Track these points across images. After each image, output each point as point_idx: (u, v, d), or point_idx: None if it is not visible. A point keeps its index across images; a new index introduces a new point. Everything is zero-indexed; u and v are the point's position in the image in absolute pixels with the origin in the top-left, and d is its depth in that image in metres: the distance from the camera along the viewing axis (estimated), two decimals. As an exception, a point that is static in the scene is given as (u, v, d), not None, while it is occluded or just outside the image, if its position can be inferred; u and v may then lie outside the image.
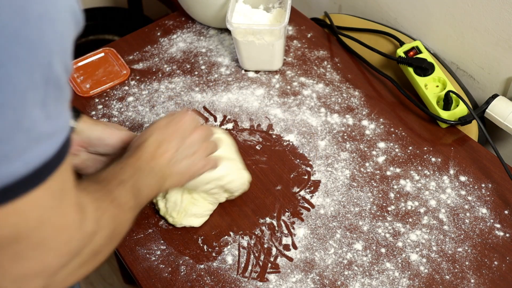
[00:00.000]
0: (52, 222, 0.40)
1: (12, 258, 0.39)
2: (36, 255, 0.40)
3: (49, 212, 0.40)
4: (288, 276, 0.73)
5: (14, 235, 0.38)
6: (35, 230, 0.39)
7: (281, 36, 0.94)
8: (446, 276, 0.72)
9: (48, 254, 0.41)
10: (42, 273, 0.42)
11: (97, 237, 0.48)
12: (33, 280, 0.41)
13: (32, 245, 0.39)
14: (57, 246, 0.42)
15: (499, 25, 0.86)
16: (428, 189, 0.81)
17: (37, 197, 0.37)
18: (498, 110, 0.87)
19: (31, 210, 0.38)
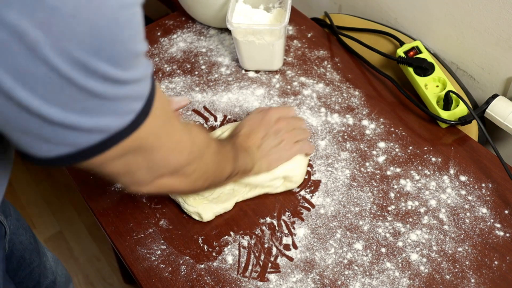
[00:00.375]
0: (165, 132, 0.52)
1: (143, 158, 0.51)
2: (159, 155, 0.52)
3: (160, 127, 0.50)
4: (289, 276, 0.73)
5: (141, 148, 0.49)
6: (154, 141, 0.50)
7: (281, 36, 0.94)
8: (446, 276, 0.72)
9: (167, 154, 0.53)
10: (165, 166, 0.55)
11: (206, 153, 0.61)
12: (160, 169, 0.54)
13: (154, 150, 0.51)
14: (172, 146, 0.54)
15: (499, 25, 0.86)
16: (428, 189, 0.81)
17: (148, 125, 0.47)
18: (498, 110, 0.87)
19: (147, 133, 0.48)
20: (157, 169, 0.54)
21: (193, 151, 0.58)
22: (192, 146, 0.58)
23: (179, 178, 0.58)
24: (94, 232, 1.66)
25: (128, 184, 0.55)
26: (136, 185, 0.56)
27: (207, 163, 0.62)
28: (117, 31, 0.39)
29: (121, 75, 0.41)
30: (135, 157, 0.50)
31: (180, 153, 0.56)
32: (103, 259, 1.60)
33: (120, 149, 0.46)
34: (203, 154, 0.61)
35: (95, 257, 1.61)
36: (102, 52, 0.39)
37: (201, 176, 0.62)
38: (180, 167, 0.57)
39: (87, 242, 1.65)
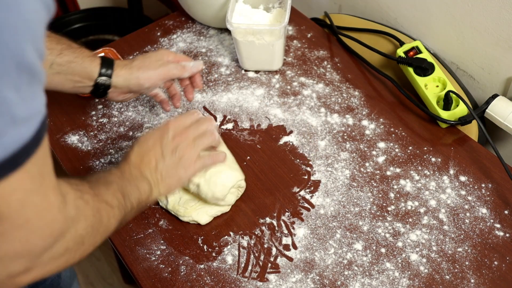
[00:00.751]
0: (34, 204, 0.42)
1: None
2: (19, 236, 0.41)
3: (30, 194, 0.41)
4: (288, 276, 0.73)
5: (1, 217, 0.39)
6: (17, 211, 0.40)
7: (281, 36, 0.94)
8: (446, 276, 0.72)
9: (31, 235, 0.42)
10: (25, 254, 0.43)
11: (80, 225, 0.50)
12: (17, 261, 0.42)
13: (15, 226, 0.40)
14: (39, 227, 0.43)
15: (499, 25, 0.86)
16: (428, 189, 0.81)
17: (16, 181, 0.38)
18: (498, 110, 0.87)
19: (12, 193, 0.39)
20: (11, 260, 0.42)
21: (63, 231, 0.46)
22: (64, 224, 0.46)
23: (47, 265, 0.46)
24: (94, 232, 1.66)
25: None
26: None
27: (80, 236, 0.50)
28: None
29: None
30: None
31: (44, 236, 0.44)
32: (103, 259, 1.60)
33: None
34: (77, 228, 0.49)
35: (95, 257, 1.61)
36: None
37: (76, 250, 0.50)
38: (43, 252, 0.44)
39: (87, 242, 1.64)
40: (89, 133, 0.91)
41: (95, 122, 0.93)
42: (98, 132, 0.92)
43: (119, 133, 0.91)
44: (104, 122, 0.93)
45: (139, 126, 0.92)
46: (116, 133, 0.91)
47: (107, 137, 0.91)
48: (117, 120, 0.93)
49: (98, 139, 0.90)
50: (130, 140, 0.90)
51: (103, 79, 0.78)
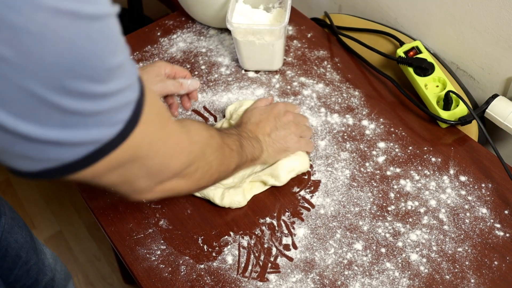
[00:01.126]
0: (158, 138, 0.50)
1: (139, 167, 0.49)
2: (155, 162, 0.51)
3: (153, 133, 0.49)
4: (288, 276, 0.73)
5: (135, 156, 0.47)
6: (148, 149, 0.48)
7: (281, 36, 0.94)
8: (446, 276, 0.72)
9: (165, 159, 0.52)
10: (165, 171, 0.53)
11: (208, 150, 0.60)
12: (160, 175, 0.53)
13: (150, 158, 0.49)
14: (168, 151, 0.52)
15: (499, 25, 0.86)
16: (428, 189, 0.81)
17: (142, 130, 0.46)
18: (498, 110, 0.87)
19: (142, 140, 0.46)
20: (156, 175, 0.53)
21: (192, 151, 0.56)
22: (191, 146, 0.56)
23: (182, 180, 0.57)
24: (94, 232, 1.66)
25: (129, 193, 0.53)
26: (137, 194, 0.54)
27: (209, 161, 0.61)
28: (91, 46, 0.37)
29: (101, 89, 0.40)
30: (131, 167, 0.48)
31: (179, 156, 0.54)
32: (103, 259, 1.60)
33: (111, 161, 0.44)
34: (205, 152, 0.59)
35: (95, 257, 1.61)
36: (76, 70, 0.37)
37: (204, 174, 0.60)
38: (181, 169, 0.55)
39: (87, 242, 1.65)
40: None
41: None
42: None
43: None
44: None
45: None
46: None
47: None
48: (117, 120, 0.93)
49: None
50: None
51: None
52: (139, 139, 0.46)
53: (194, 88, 0.87)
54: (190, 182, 0.58)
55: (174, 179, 0.55)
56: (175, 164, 0.54)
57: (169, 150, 0.52)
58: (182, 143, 0.55)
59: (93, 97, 0.39)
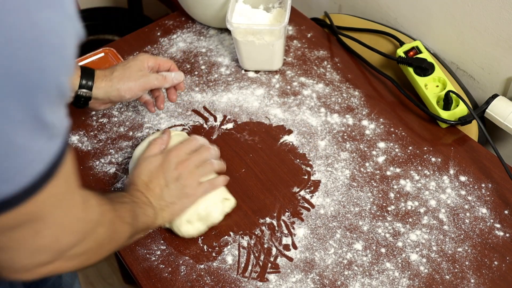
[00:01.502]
0: (64, 204, 0.47)
1: (32, 234, 0.45)
2: (50, 233, 0.47)
3: (62, 196, 0.46)
4: (288, 276, 0.73)
5: (32, 220, 0.44)
6: (50, 213, 0.45)
7: (281, 36, 0.94)
8: (446, 276, 0.72)
9: (60, 232, 0.48)
10: (53, 248, 0.48)
11: (100, 229, 0.55)
12: (45, 253, 0.48)
13: (48, 225, 0.46)
14: (67, 224, 0.48)
15: (499, 25, 0.86)
16: (428, 189, 0.81)
17: (53, 187, 0.43)
18: (498, 110, 0.87)
19: (48, 199, 0.43)
20: (42, 252, 0.48)
21: (85, 231, 0.52)
22: (86, 225, 0.52)
23: (67, 261, 0.52)
24: (94, 232, 1.66)
25: (4, 266, 0.48)
26: (13, 270, 0.48)
27: (100, 240, 0.56)
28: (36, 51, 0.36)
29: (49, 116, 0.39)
30: (24, 232, 0.44)
31: (71, 234, 0.49)
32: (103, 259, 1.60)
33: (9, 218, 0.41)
34: (96, 231, 0.54)
35: (95, 257, 1.61)
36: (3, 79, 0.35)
37: (93, 254, 0.56)
38: (69, 248, 0.50)
39: (87, 242, 1.65)
40: (89, 133, 0.91)
41: (95, 122, 0.93)
42: (98, 132, 0.92)
43: (119, 133, 0.91)
44: (104, 122, 0.93)
45: (139, 126, 0.92)
46: (116, 133, 0.91)
47: (107, 137, 0.91)
48: (117, 120, 0.93)
49: (98, 139, 0.90)
50: (130, 140, 0.90)
51: (84, 91, 0.79)
52: (44, 200, 0.43)
53: (178, 81, 0.85)
54: (73, 264, 0.54)
55: (55, 262, 0.50)
56: (64, 242, 0.49)
57: (66, 224, 0.48)
58: (79, 221, 0.51)
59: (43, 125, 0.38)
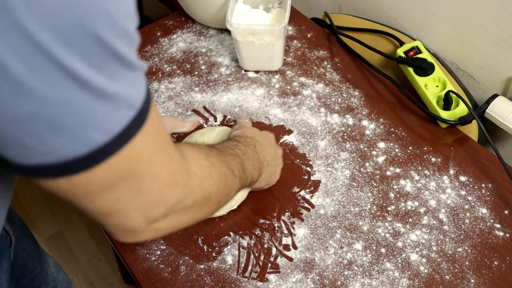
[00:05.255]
0: (159, 160, 0.46)
1: (135, 192, 0.45)
2: (153, 188, 0.46)
3: (155, 152, 0.45)
4: (288, 276, 0.73)
5: (131, 174, 0.44)
6: (146, 168, 0.45)
7: (281, 36, 0.94)
8: (446, 276, 0.72)
9: (162, 186, 0.47)
10: (161, 203, 0.48)
11: (206, 181, 0.55)
12: (155, 208, 0.48)
13: (147, 181, 0.46)
14: (167, 178, 0.48)
15: (499, 25, 0.86)
16: (428, 189, 0.81)
17: (140, 142, 0.43)
18: (498, 110, 0.87)
19: (140, 153, 0.43)
20: (151, 209, 0.48)
21: (189, 184, 0.51)
22: (188, 178, 0.51)
23: (177, 216, 0.52)
24: (94, 232, 1.67)
25: (119, 230, 0.48)
26: (128, 232, 0.49)
27: (208, 193, 0.55)
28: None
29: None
30: (126, 188, 0.44)
31: (174, 188, 0.49)
32: (103, 259, 1.61)
33: (107, 170, 0.41)
34: (203, 184, 0.54)
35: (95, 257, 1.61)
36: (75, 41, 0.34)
37: (201, 207, 0.55)
38: (176, 203, 0.50)
39: (87, 242, 1.65)
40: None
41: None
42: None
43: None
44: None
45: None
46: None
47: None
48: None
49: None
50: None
51: None
52: (138, 150, 0.43)
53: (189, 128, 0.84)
54: (185, 217, 0.53)
55: (168, 216, 0.50)
56: (170, 197, 0.49)
57: (167, 178, 0.48)
58: (179, 173, 0.50)
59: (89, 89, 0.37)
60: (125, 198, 0.45)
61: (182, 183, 0.50)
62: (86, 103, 0.37)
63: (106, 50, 0.37)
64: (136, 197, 0.46)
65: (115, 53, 0.38)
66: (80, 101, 0.37)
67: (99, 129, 0.39)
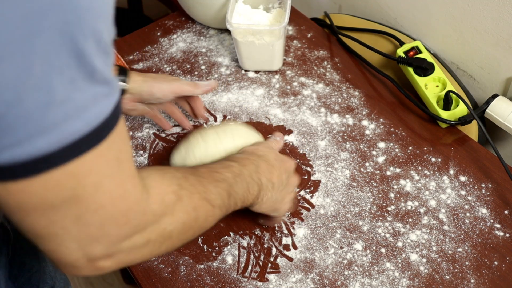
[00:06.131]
0: (109, 190, 0.41)
1: (74, 220, 0.40)
2: (94, 220, 0.41)
3: (105, 179, 0.41)
4: (288, 276, 0.73)
5: (73, 197, 0.39)
6: (92, 195, 0.40)
7: (281, 36, 0.94)
8: (446, 276, 0.72)
9: (106, 222, 0.42)
10: (102, 239, 0.43)
11: (167, 219, 0.49)
12: (95, 245, 0.43)
13: (90, 210, 0.41)
14: (114, 214, 0.43)
15: (499, 25, 0.86)
16: (428, 189, 0.81)
17: (91, 162, 0.39)
18: (498, 110, 0.87)
19: (87, 175, 0.39)
20: (90, 243, 0.42)
21: (142, 223, 0.46)
22: (144, 217, 0.46)
23: (128, 254, 0.46)
24: (94, 232, 1.66)
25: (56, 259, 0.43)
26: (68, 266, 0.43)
27: (167, 232, 0.50)
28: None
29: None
30: (64, 214, 0.40)
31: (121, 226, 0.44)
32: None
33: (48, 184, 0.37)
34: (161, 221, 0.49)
35: (95, 257, 1.61)
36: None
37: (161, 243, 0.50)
38: (123, 240, 0.44)
39: (87, 242, 1.65)
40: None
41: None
42: (98, 132, 0.91)
43: (119, 133, 0.91)
44: (104, 122, 0.93)
45: (139, 126, 0.92)
46: (116, 133, 0.91)
47: (107, 137, 0.91)
48: (117, 120, 0.93)
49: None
50: (130, 140, 0.90)
51: (120, 84, 0.79)
52: (86, 170, 0.39)
53: (211, 87, 0.84)
54: (138, 255, 0.48)
55: (113, 256, 0.45)
56: (114, 234, 0.43)
57: (114, 213, 0.42)
58: (132, 212, 0.44)
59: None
60: (61, 223, 0.40)
61: (133, 223, 0.45)
62: (35, 105, 0.35)
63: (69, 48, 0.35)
64: (74, 226, 0.41)
65: (78, 54, 0.35)
66: (30, 102, 0.34)
67: (46, 136, 0.36)
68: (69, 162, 0.37)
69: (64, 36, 0.34)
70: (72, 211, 0.40)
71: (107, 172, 0.41)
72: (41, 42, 0.33)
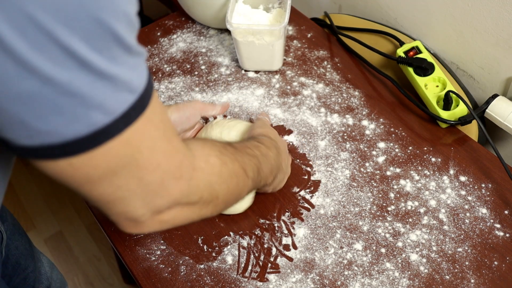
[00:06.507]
0: (162, 149, 0.46)
1: (137, 182, 0.45)
2: (155, 178, 0.46)
3: (157, 140, 0.45)
4: (288, 276, 0.73)
5: (133, 162, 0.43)
6: (148, 157, 0.44)
7: (281, 36, 0.94)
8: (446, 276, 0.72)
9: (164, 177, 0.47)
10: (163, 193, 0.47)
11: (215, 179, 0.54)
12: (157, 199, 0.47)
13: (150, 170, 0.45)
14: (170, 169, 0.47)
15: (499, 25, 0.86)
16: (428, 189, 0.81)
17: (142, 127, 0.42)
18: (498, 110, 0.87)
19: (141, 140, 0.43)
20: (154, 199, 0.47)
21: (194, 178, 0.50)
22: (194, 172, 0.50)
23: (184, 209, 0.51)
24: (94, 232, 1.67)
25: (123, 219, 0.48)
26: (132, 223, 0.48)
27: (215, 191, 0.55)
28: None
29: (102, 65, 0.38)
30: (127, 176, 0.44)
31: (178, 180, 0.48)
32: (103, 259, 1.61)
33: (107, 154, 0.41)
34: (210, 181, 0.53)
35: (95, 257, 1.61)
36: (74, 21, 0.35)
37: (209, 202, 0.54)
38: (181, 196, 0.49)
39: (87, 242, 1.65)
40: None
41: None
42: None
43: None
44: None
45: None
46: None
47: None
48: (117, 120, 0.93)
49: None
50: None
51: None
52: (140, 136, 0.43)
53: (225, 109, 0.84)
54: (191, 212, 0.52)
55: (173, 209, 0.49)
56: (173, 189, 0.48)
57: (170, 169, 0.47)
58: (184, 166, 0.49)
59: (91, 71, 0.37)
60: (127, 187, 0.45)
61: (186, 177, 0.49)
62: (87, 84, 0.38)
63: (106, 32, 0.37)
64: (138, 187, 0.45)
65: (116, 36, 0.38)
66: (81, 81, 0.37)
67: (100, 110, 0.39)
68: (123, 131, 0.41)
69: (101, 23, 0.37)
70: (134, 174, 0.44)
71: (157, 134, 0.45)
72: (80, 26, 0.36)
